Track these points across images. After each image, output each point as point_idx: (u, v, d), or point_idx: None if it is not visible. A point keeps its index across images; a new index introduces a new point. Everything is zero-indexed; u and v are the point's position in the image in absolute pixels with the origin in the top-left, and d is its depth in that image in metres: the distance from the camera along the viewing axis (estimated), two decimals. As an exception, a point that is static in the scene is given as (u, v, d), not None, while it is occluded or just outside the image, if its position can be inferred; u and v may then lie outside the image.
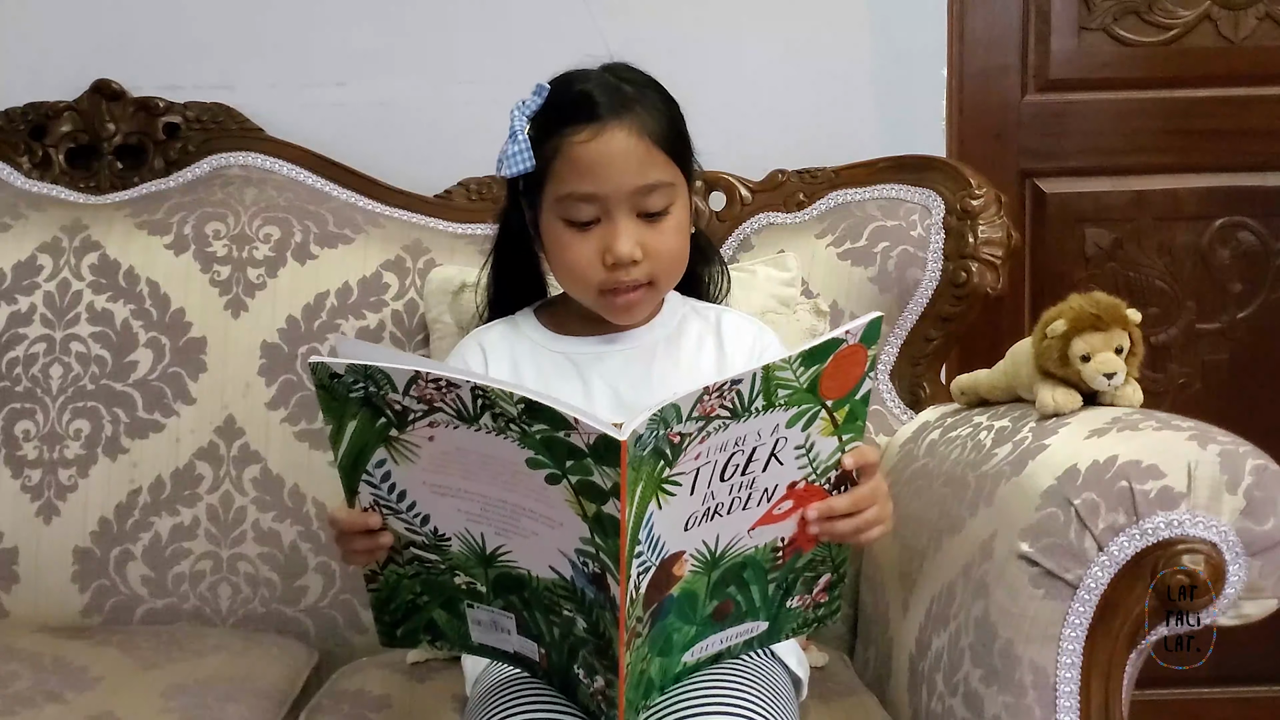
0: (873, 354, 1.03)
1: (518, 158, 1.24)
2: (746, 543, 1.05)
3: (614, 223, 1.22)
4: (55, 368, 1.68)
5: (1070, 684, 1.13)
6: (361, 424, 0.99)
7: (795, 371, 0.99)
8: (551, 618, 1.03)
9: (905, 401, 1.68)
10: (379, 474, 1.02)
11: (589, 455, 0.93)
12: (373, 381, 0.97)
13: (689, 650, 1.08)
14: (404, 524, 1.04)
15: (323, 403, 1.00)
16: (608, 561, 0.96)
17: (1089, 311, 1.25)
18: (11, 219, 1.75)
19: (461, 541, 1.03)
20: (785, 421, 1.01)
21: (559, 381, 1.29)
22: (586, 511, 0.95)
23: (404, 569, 1.07)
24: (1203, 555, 1.09)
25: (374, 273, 1.70)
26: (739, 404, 0.97)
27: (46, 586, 1.64)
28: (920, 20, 1.92)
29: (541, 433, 0.94)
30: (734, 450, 1.00)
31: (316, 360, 0.98)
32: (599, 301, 1.27)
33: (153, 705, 1.33)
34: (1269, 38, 2.06)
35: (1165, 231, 2.09)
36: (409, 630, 1.11)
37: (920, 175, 1.69)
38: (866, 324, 1.01)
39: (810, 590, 1.11)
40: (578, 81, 1.25)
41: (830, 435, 1.04)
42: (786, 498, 1.04)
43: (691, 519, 1.00)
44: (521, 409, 0.94)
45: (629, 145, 1.21)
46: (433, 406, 0.97)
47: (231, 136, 1.83)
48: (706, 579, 1.04)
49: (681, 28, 1.90)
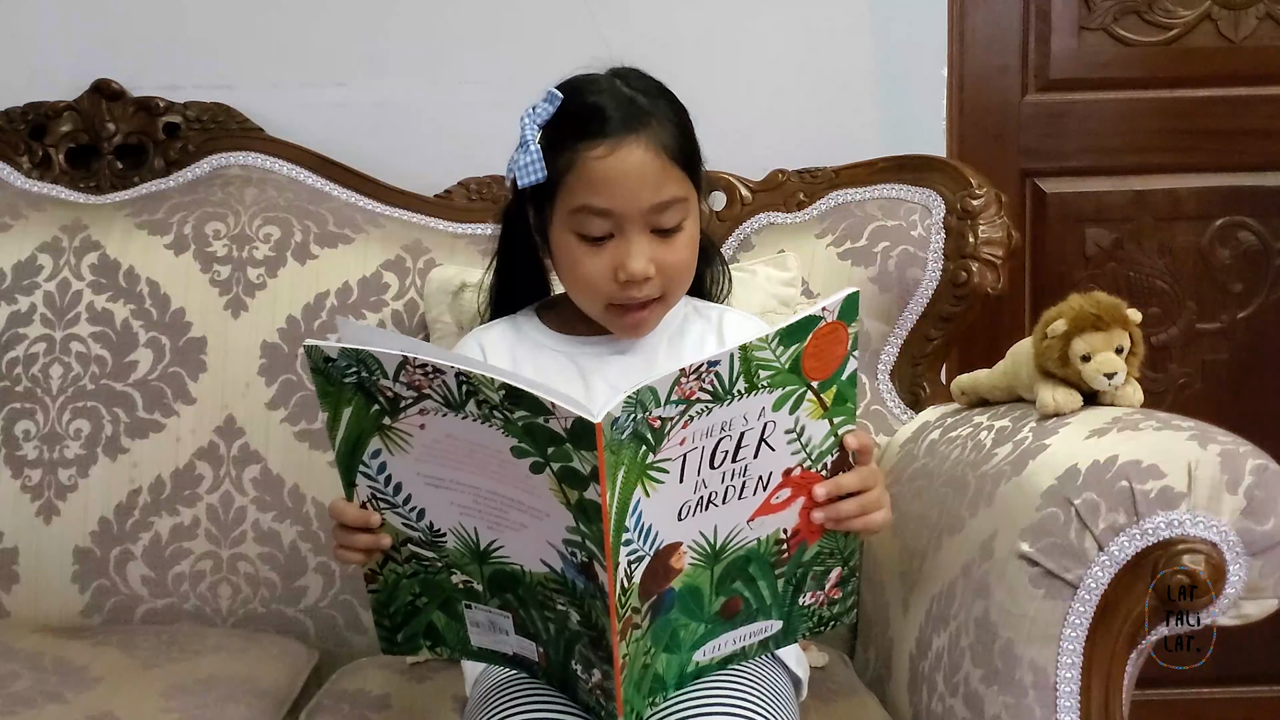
0: (853, 331, 1.02)
1: (530, 168, 1.22)
2: (748, 534, 1.05)
3: (627, 240, 1.21)
4: (55, 368, 1.68)
5: (1070, 684, 1.13)
6: (356, 411, 1.01)
7: (775, 351, 0.99)
8: (546, 614, 1.03)
9: (905, 401, 1.68)
10: (375, 464, 1.03)
11: (567, 440, 0.93)
12: (365, 366, 0.98)
13: (699, 649, 1.08)
14: (401, 519, 1.05)
15: (319, 388, 1.01)
16: (593, 549, 0.96)
17: (1089, 311, 1.25)
18: (11, 219, 1.75)
19: (456, 537, 1.04)
20: (771, 404, 1.01)
21: (560, 382, 1.28)
22: (570, 499, 0.96)
23: (402, 568, 1.07)
24: (1203, 555, 1.09)
25: (374, 273, 1.70)
26: (719, 386, 0.97)
27: (46, 586, 1.64)
28: (920, 20, 1.92)
29: (523, 419, 0.95)
30: (721, 435, 0.99)
31: (311, 343, 0.99)
32: (606, 315, 1.26)
33: (153, 705, 1.33)
34: (1269, 38, 2.06)
35: (1165, 231, 2.09)
36: (409, 635, 1.11)
37: (920, 175, 1.69)
38: (843, 300, 1.00)
39: (822, 586, 1.11)
40: (590, 91, 1.23)
41: (820, 418, 1.04)
42: (783, 486, 1.04)
43: (685, 508, 1.01)
44: (502, 395, 0.94)
45: (645, 161, 1.20)
46: (421, 393, 0.98)
47: (231, 136, 1.83)
48: (709, 573, 1.04)
49: (681, 27, 1.90)
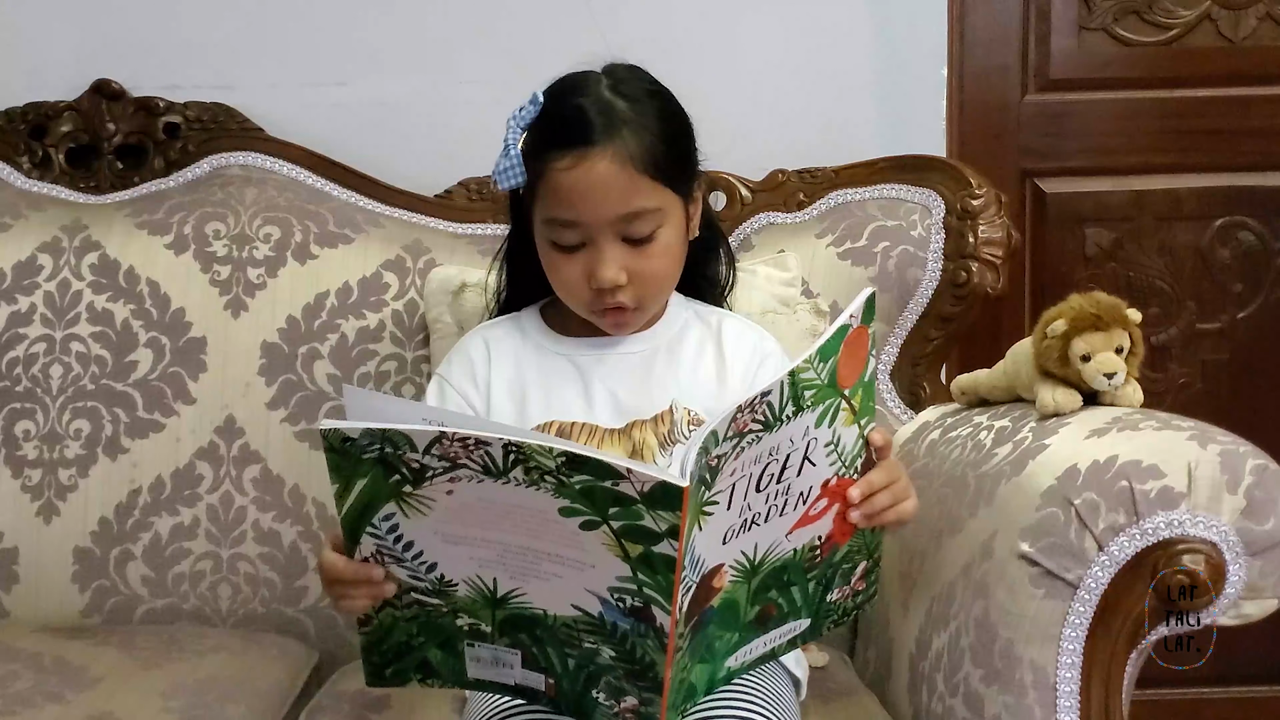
0: (873, 331, 1.03)
1: (509, 172, 1.22)
2: (785, 547, 1.04)
3: (598, 248, 1.21)
4: (55, 368, 1.68)
5: (1070, 684, 1.13)
6: (373, 482, 0.95)
7: (817, 370, 0.99)
8: (567, 650, 1.01)
9: (905, 401, 1.68)
10: (385, 526, 0.98)
11: (641, 502, 0.91)
12: (390, 443, 0.93)
13: (732, 655, 1.07)
14: (407, 571, 1.00)
15: (331, 464, 0.95)
16: (655, 596, 0.94)
17: (1089, 311, 1.25)
18: (11, 219, 1.75)
19: (470, 586, 1.00)
20: (814, 422, 1.00)
21: (560, 384, 1.29)
22: (630, 553, 0.93)
23: (401, 612, 1.03)
24: (1203, 555, 1.09)
25: (374, 272, 1.70)
26: (770, 414, 0.97)
27: (46, 586, 1.64)
28: (920, 20, 1.92)
29: (582, 483, 0.91)
30: (768, 461, 0.99)
31: (329, 425, 0.93)
32: (591, 316, 1.27)
33: (153, 705, 1.33)
34: (1269, 38, 2.06)
35: (1165, 231, 2.09)
36: (399, 669, 1.07)
37: (920, 175, 1.69)
38: (864, 302, 1.01)
39: (849, 581, 1.11)
40: (572, 94, 1.22)
41: (851, 424, 1.04)
42: (821, 497, 1.04)
43: (729, 532, 1.00)
44: (561, 462, 0.91)
45: (610, 173, 1.19)
46: (456, 463, 0.93)
47: (231, 136, 1.83)
48: (747, 587, 1.04)
49: (681, 27, 1.90)
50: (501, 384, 1.30)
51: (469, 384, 1.31)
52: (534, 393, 1.29)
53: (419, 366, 1.66)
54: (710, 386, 1.28)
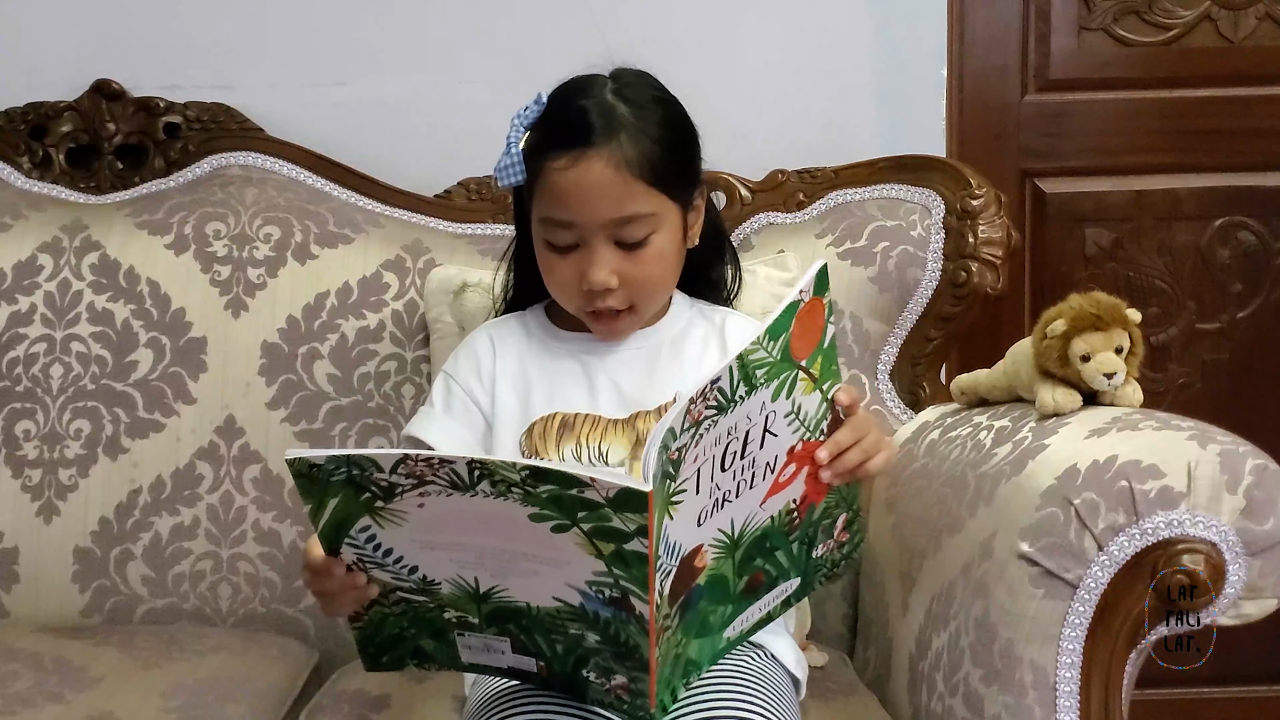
0: (828, 300, 1.04)
1: (509, 170, 1.23)
2: (762, 516, 1.06)
3: (591, 250, 1.22)
4: (55, 368, 1.68)
5: (1070, 684, 1.13)
6: (344, 501, 0.98)
7: (768, 349, 1.00)
8: (554, 636, 1.03)
9: (905, 401, 1.68)
10: (363, 537, 1.00)
11: (607, 506, 0.92)
12: (356, 466, 0.95)
13: (729, 626, 1.09)
14: (390, 574, 1.03)
15: (302, 488, 0.97)
16: (631, 588, 0.96)
17: (1089, 311, 1.25)
18: (11, 219, 1.75)
19: (453, 584, 1.02)
20: (770, 396, 1.01)
21: (564, 377, 1.30)
22: (603, 550, 0.95)
23: (390, 609, 1.06)
24: (1203, 555, 1.09)
25: (374, 272, 1.70)
26: (723, 398, 0.98)
27: (46, 586, 1.64)
28: (920, 20, 1.92)
29: (549, 492, 0.93)
30: (729, 440, 1.00)
31: (293, 455, 0.95)
32: (583, 317, 1.28)
33: (153, 705, 1.33)
34: (1269, 38, 2.06)
35: (1165, 231, 2.09)
36: (395, 657, 1.10)
37: (920, 175, 1.69)
38: (814, 277, 1.02)
39: (831, 535, 1.13)
40: (575, 96, 1.23)
41: (812, 391, 1.05)
42: (789, 463, 1.06)
43: (702, 514, 1.01)
44: (525, 475, 0.93)
45: (605, 177, 1.19)
46: (423, 480, 0.95)
47: (231, 136, 1.83)
48: (731, 560, 1.05)
49: (681, 27, 1.90)
50: (506, 379, 1.31)
51: (474, 380, 1.32)
52: (538, 386, 1.30)
53: (419, 366, 1.66)
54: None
